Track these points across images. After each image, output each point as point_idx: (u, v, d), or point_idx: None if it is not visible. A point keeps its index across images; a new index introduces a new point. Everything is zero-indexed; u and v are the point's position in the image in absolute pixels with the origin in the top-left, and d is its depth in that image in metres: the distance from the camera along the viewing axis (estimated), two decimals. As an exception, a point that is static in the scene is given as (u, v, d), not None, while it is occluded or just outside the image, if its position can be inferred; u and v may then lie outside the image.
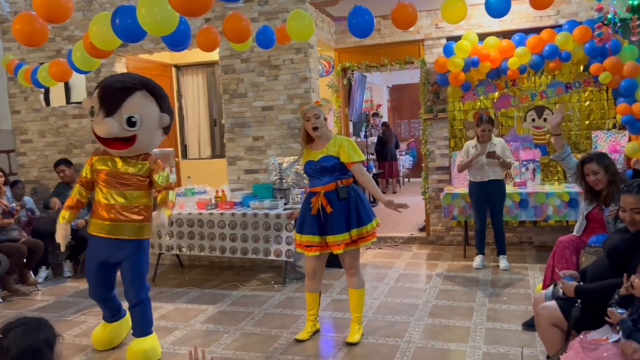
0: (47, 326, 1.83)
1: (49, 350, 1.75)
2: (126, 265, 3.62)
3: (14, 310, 4.84)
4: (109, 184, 3.59)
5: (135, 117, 3.47)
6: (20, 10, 6.40)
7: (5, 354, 1.70)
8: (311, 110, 3.67)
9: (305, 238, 3.71)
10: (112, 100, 3.46)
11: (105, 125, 3.43)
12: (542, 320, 2.82)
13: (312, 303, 3.88)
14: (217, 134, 7.72)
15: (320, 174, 3.67)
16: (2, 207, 5.39)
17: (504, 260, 5.36)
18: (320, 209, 3.62)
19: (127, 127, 3.48)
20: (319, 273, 3.83)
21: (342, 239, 3.62)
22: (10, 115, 6.68)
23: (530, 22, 5.98)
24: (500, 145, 5.25)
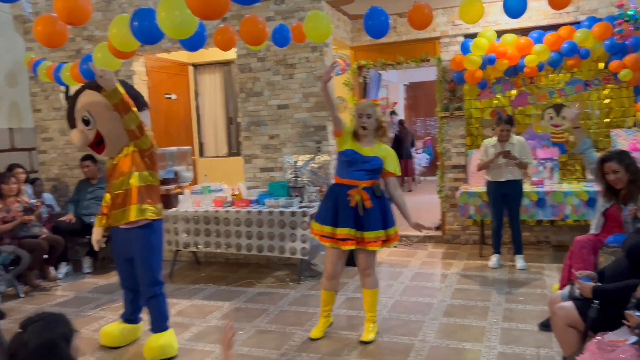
0: (65, 321, 1.87)
1: (66, 345, 1.79)
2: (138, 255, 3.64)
3: (35, 305, 4.93)
4: (111, 178, 3.67)
5: (85, 115, 3.57)
6: (41, 10, 6.51)
7: (24, 348, 1.74)
8: (365, 109, 3.66)
9: (340, 231, 3.60)
10: (69, 112, 3.69)
11: (72, 137, 3.62)
12: (558, 320, 2.80)
13: (327, 300, 3.87)
14: (233, 133, 7.77)
15: (363, 168, 3.62)
16: (23, 203, 5.50)
17: (521, 260, 5.32)
18: (359, 202, 3.58)
19: (87, 127, 3.57)
20: (339, 272, 3.79)
21: (379, 235, 3.62)
22: (32, 114, 6.80)
23: (548, 19, 5.91)
24: (520, 144, 5.20)
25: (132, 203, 3.57)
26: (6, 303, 4.97)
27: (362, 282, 3.83)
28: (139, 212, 3.57)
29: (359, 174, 3.63)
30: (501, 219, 5.37)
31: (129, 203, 3.58)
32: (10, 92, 6.47)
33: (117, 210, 3.63)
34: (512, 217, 5.30)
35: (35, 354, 1.74)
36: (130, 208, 3.57)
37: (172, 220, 5.57)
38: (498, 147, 5.18)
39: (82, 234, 6.13)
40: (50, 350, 1.76)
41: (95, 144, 3.65)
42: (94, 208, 6.03)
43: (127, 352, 3.82)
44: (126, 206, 3.58)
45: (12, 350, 1.76)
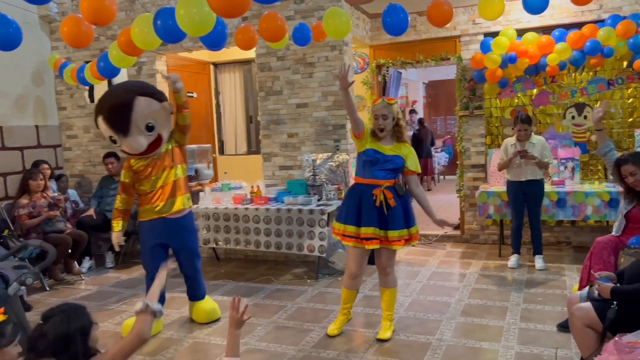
0: (84, 314, 1.93)
1: (83, 337, 1.85)
2: (183, 239, 4.01)
3: (60, 298, 5.06)
4: (150, 174, 3.94)
5: (150, 122, 3.81)
6: (67, 10, 6.65)
7: (43, 339, 1.81)
8: (380, 110, 3.61)
9: (365, 230, 3.59)
10: (120, 121, 3.76)
11: (132, 144, 3.80)
12: (576, 321, 2.78)
13: (348, 298, 3.88)
14: (252, 131, 7.84)
15: (385, 168, 3.62)
16: (49, 199, 5.64)
17: (540, 260, 5.28)
18: (383, 201, 3.57)
19: (149, 133, 3.83)
20: (361, 272, 3.76)
21: (403, 235, 3.63)
22: (57, 112, 6.95)
23: (571, 17, 5.84)
24: (540, 144, 5.16)
25: (181, 193, 4.00)
26: (32, 296, 5.11)
27: (381, 280, 3.84)
28: (187, 201, 4.05)
29: (381, 174, 3.62)
30: (521, 219, 5.33)
31: (178, 194, 3.97)
32: (36, 91, 6.62)
33: (165, 202, 3.94)
34: (532, 217, 5.27)
35: (53, 345, 1.80)
36: (178, 198, 3.97)
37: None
38: (517, 147, 5.14)
39: (105, 230, 6.24)
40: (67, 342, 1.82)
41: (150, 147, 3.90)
42: (117, 204, 6.16)
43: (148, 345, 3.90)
44: (175, 197, 3.96)
45: (32, 341, 1.83)
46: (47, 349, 1.80)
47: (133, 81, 4.05)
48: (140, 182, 3.98)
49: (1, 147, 6.11)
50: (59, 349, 1.80)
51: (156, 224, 3.98)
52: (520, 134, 5.13)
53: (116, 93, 3.90)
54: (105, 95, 3.97)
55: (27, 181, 5.47)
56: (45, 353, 1.79)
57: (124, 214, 4.13)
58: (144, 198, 4.00)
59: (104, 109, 3.82)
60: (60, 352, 1.81)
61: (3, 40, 3.25)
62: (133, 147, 3.82)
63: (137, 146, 3.81)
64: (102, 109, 3.84)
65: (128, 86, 3.98)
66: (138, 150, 3.84)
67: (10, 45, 3.29)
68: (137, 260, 6.41)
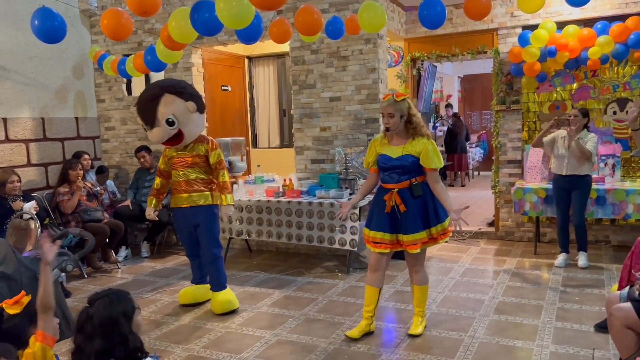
0: (127, 299, 1.99)
1: (126, 320, 1.91)
2: (202, 228, 4.31)
3: (97, 285, 5.20)
4: (181, 166, 4.32)
5: (170, 117, 4.11)
6: (106, 4, 6.80)
7: (89, 322, 1.87)
8: (386, 108, 3.48)
9: (373, 234, 3.61)
10: (147, 114, 4.17)
11: (154, 135, 4.21)
12: (615, 321, 2.71)
13: (370, 298, 3.72)
14: (286, 124, 7.87)
15: (395, 171, 3.54)
16: (88, 188, 5.80)
17: (583, 258, 5.13)
18: (395, 206, 3.51)
19: (170, 128, 4.14)
20: (383, 266, 3.68)
21: (419, 237, 3.52)
22: (96, 104, 7.13)
23: (614, 9, 5.65)
24: (591, 140, 4.96)
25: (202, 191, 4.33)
26: (71, 283, 5.27)
27: (411, 277, 3.79)
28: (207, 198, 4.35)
29: (391, 177, 3.55)
30: (564, 215, 5.19)
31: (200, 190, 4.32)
32: (76, 83, 6.80)
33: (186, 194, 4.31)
34: (574, 214, 5.11)
35: (99, 328, 1.86)
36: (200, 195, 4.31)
37: (226, 208, 5.72)
38: (566, 140, 4.99)
39: (141, 220, 6.40)
40: (112, 325, 1.88)
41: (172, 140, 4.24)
42: (152, 195, 6.30)
43: (180, 331, 3.97)
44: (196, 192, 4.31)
45: (80, 323, 1.90)
46: (95, 331, 1.86)
47: (170, 79, 4.42)
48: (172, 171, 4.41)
49: (43, 137, 6.30)
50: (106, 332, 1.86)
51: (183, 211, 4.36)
52: (570, 119, 4.99)
53: (149, 89, 4.34)
54: (147, 88, 4.47)
55: (67, 171, 5.64)
56: (94, 335, 1.85)
57: (156, 193, 4.56)
58: (173, 187, 4.42)
59: (137, 102, 4.32)
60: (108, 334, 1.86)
61: (49, 33, 3.35)
62: (155, 137, 4.23)
63: (157, 137, 4.20)
64: (137, 102, 4.35)
65: (160, 83, 4.36)
66: (158, 141, 4.26)
67: (56, 38, 3.39)
68: (171, 250, 6.54)
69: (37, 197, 5.62)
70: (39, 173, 6.24)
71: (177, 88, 4.19)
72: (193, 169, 4.30)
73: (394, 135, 3.56)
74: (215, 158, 4.33)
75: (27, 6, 5.95)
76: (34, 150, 6.19)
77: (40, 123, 6.27)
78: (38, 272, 3.17)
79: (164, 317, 4.28)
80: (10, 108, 5.93)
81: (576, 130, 4.96)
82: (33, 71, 6.18)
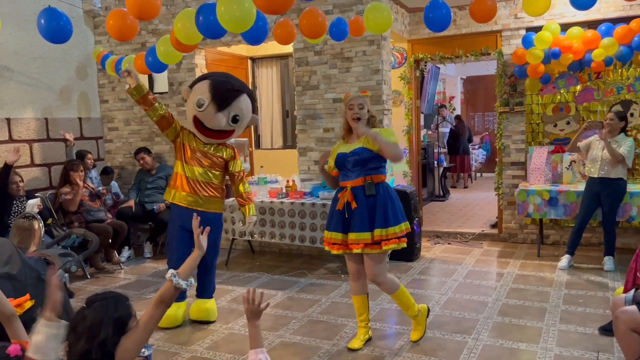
0: (125, 305, 1.97)
1: (118, 327, 1.89)
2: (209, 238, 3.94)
3: (100, 286, 5.21)
4: (194, 160, 4.03)
5: (239, 116, 4.01)
6: (110, 5, 6.81)
7: (82, 322, 1.86)
8: (356, 99, 3.45)
9: (328, 235, 3.52)
10: (225, 98, 3.94)
11: (217, 119, 3.94)
12: (620, 324, 2.70)
13: (360, 307, 3.63)
14: (289, 125, 7.87)
15: (350, 168, 3.42)
16: (90, 189, 5.80)
17: (610, 262, 5.10)
18: (345, 205, 3.41)
19: (231, 123, 4.00)
20: (362, 274, 3.55)
21: (363, 238, 3.35)
22: (100, 104, 7.14)
23: (618, 11, 5.64)
24: (625, 144, 4.91)
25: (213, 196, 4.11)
26: (74, 283, 5.27)
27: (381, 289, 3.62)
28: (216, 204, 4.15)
29: (347, 177, 3.44)
30: (585, 218, 5.15)
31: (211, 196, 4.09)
32: (80, 84, 6.81)
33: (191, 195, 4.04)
34: (604, 217, 5.08)
35: (90, 330, 1.85)
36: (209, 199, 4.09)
37: (229, 209, 5.72)
38: (602, 144, 4.94)
39: (143, 221, 6.41)
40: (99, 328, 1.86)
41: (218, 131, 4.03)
42: (155, 196, 6.29)
43: (182, 334, 3.97)
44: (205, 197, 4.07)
45: (74, 323, 1.89)
46: (84, 333, 1.85)
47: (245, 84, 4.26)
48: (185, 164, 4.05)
49: (46, 138, 6.31)
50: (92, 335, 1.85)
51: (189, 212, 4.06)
52: (606, 122, 4.96)
53: (237, 80, 4.16)
54: (220, 75, 4.26)
55: (68, 172, 5.63)
56: (82, 336, 1.84)
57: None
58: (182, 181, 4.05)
59: (217, 82, 3.96)
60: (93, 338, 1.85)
61: (55, 33, 3.35)
62: (212, 119, 3.93)
63: (215, 120, 3.93)
64: (215, 80, 3.99)
65: (242, 82, 4.23)
66: (213, 125, 3.94)
67: (62, 38, 3.39)
68: (174, 251, 6.54)
69: (41, 196, 5.62)
70: (42, 173, 6.25)
71: (254, 98, 4.19)
72: (210, 170, 4.06)
73: (355, 132, 3.47)
74: (239, 167, 4.21)
75: (32, 7, 5.96)
76: (38, 150, 6.20)
77: (44, 123, 6.28)
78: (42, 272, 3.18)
79: (167, 318, 4.27)
80: (14, 108, 5.94)
81: (611, 133, 4.93)
82: (37, 72, 6.19)
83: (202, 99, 3.93)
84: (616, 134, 4.97)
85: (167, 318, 4.01)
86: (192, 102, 3.98)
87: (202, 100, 3.92)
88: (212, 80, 4.00)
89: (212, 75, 4.15)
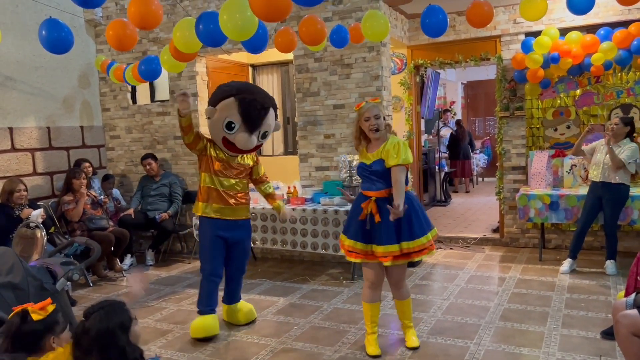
0: (123, 310, 1.98)
1: (123, 332, 1.90)
2: (242, 243, 4.21)
3: (102, 294, 5.22)
4: (223, 172, 4.02)
5: (268, 132, 4.07)
6: (111, 14, 6.86)
7: (85, 336, 1.87)
8: (371, 110, 3.41)
9: (347, 242, 3.54)
10: (255, 121, 3.89)
11: (250, 141, 3.92)
12: (621, 328, 2.70)
13: (374, 315, 3.61)
14: (289, 132, 7.89)
15: (373, 178, 3.45)
16: (92, 197, 5.82)
17: (612, 266, 5.10)
18: (368, 215, 3.41)
19: (261, 140, 4.06)
20: (380, 282, 3.57)
21: (391, 250, 3.37)
22: (101, 113, 7.17)
23: (617, 15, 5.66)
24: (629, 149, 4.88)
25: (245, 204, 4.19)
26: (77, 291, 5.29)
27: (393, 293, 3.68)
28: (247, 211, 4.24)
29: (371, 186, 3.46)
30: (587, 222, 5.15)
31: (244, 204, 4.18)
32: (82, 93, 6.85)
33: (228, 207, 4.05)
34: (606, 221, 5.08)
35: (95, 341, 1.86)
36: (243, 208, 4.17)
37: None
38: (606, 148, 4.93)
39: (146, 228, 6.43)
40: (108, 338, 1.87)
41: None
42: (158, 204, 6.32)
43: (184, 340, 3.97)
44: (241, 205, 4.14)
45: (76, 338, 1.90)
46: (93, 345, 1.85)
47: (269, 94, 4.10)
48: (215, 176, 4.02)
49: (48, 146, 6.34)
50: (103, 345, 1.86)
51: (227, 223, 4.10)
52: (609, 127, 4.95)
53: (262, 92, 4.07)
54: (252, 87, 4.20)
55: (71, 180, 5.66)
56: (91, 349, 1.85)
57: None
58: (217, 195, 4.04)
59: (245, 97, 3.83)
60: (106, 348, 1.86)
61: (56, 44, 3.38)
62: (244, 143, 3.89)
63: (248, 144, 3.92)
64: (243, 96, 3.85)
65: (268, 95, 4.10)
66: (243, 146, 3.92)
67: (63, 49, 3.42)
68: (176, 258, 6.55)
69: (43, 205, 5.65)
70: (45, 182, 6.28)
71: (275, 107, 4.16)
72: (241, 179, 4.13)
73: (375, 140, 3.47)
74: (262, 171, 4.35)
75: (34, 17, 6.01)
76: (40, 159, 6.23)
77: (46, 132, 6.31)
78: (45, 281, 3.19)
79: (169, 326, 4.28)
80: (17, 118, 5.97)
81: (614, 138, 4.92)
82: (39, 81, 6.23)
83: (232, 122, 3.83)
84: (620, 139, 4.96)
85: (204, 328, 3.96)
86: (220, 122, 3.87)
87: (233, 123, 3.84)
88: (240, 99, 3.83)
89: (236, 89, 3.92)
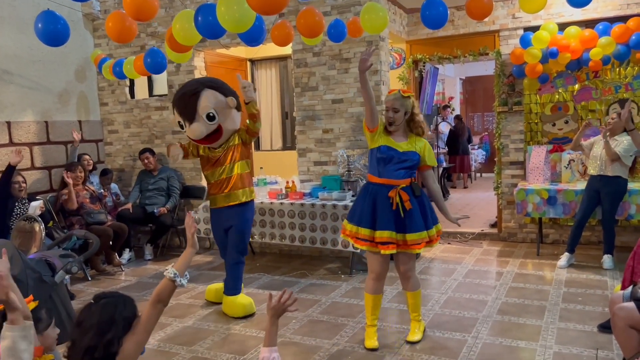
0: (132, 305, 1.99)
1: (125, 325, 1.91)
2: (233, 228, 4.28)
3: (101, 288, 5.22)
4: (215, 164, 4.25)
5: (211, 112, 4.08)
6: (109, 8, 6.83)
7: (89, 318, 1.87)
8: (392, 102, 3.40)
9: (355, 229, 3.47)
10: (188, 108, 4.09)
11: (194, 130, 4.10)
12: (618, 321, 2.71)
13: (375, 307, 3.62)
14: (288, 127, 7.90)
15: (402, 166, 3.42)
16: (90, 192, 5.82)
17: (609, 260, 5.11)
18: (399, 204, 3.39)
19: (210, 123, 4.09)
20: (384, 273, 3.56)
21: (422, 237, 3.43)
22: (99, 107, 7.16)
23: (616, 10, 5.66)
24: (624, 142, 4.87)
25: (242, 187, 4.26)
26: (75, 285, 5.29)
27: (403, 284, 3.69)
28: (249, 193, 4.32)
29: (397, 173, 3.41)
30: (585, 216, 5.16)
31: (239, 187, 4.24)
32: (79, 87, 6.83)
33: (220, 195, 4.25)
34: (603, 215, 5.10)
35: (99, 326, 1.87)
36: (240, 191, 4.25)
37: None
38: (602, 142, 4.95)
39: (144, 223, 6.43)
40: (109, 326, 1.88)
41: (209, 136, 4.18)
42: (156, 198, 6.32)
43: (186, 333, 3.99)
44: (236, 189, 4.23)
45: (80, 318, 1.90)
46: (92, 328, 1.86)
47: (206, 77, 4.36)
48: (206, 169, 4.34)
49: (46, 141, 6.33)
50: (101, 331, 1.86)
51: (221, 212, 4.33)
52: (609, 121, 4.96)
53: (188, 84, 4.29)
54: (181, 86, 4.40)
55: (68, 174, 5.65)
56: (89, 331, 1.86)
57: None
58: (210, 186, 4.35)
59: (176, 97, 4.21)
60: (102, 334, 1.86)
61: (52, 36, 3.38)
62: (195, 133, 4.12)
63: (196, 132, 4.10)
64: (175, 97, 4.24)
65: (199, 79, 4.36)
66: (198, 137, 4.12)
67: (59, 41, 3.41)
68: (174, 252, 6.56)
69: (42, 199, 5.64)
70: (43, 176, 6.27)
71: (217, 84, 4.21)
72: (232, 163, 4.22)
73: (394, 132, 3.48)
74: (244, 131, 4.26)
75: (31, 10, 5.98)
76: (38, 153, 6.22)
77: (44, 126, 6.30)
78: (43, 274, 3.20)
79: (167, 319, 4.29)
80: (14, 112, 5.95)
81: (612, 131, 4.92)
82: (36, 75, 6.21)
83: (179, 121, 4.20)
84: (618, 132, 4.98)
85: (243, 307, 4.25)
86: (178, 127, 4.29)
87: (180, 122, 4.19)
88: (174, 100, 4.21)
89: (175, 94, 4.28)
